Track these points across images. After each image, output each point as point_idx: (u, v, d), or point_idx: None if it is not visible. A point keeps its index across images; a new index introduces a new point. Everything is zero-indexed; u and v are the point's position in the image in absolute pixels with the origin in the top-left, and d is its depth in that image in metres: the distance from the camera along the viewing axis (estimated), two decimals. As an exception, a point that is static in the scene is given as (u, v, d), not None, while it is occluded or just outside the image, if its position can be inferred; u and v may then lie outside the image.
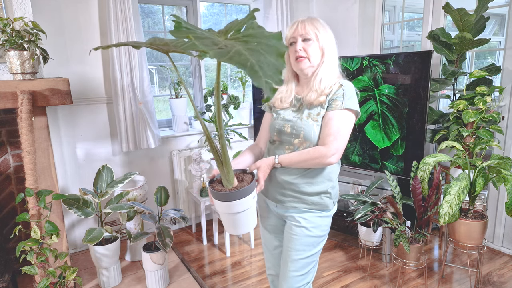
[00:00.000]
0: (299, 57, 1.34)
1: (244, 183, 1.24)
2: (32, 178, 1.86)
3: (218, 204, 1.25)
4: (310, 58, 1.34)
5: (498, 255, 2.66)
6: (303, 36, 1.34)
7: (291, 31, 1.37)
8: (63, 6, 2.54)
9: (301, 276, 1.44)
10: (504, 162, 1.96)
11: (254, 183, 1.24)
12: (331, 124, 1.30)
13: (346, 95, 1.32)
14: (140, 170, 2.99)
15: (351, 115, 1.34)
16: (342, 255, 2.71)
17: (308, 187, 1.38)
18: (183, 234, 3.17)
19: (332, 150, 1.28)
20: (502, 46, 2.80)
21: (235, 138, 3.19)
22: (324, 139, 1.30)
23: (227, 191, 1.20)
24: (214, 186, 1.26)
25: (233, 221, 1.30)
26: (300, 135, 1.35)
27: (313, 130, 1.34)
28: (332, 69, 1.37)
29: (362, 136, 2.69)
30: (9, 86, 1.90)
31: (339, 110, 1.31)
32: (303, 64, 1.35)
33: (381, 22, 3.27)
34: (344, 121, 1.32)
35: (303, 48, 1.34)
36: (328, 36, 1.37)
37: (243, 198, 1.21)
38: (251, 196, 1.23)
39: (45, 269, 1.81)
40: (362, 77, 2.63)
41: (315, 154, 1.30)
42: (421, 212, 2.16)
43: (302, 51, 1.34)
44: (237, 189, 1.21)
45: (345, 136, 1.32)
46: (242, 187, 1.20)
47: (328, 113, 1.32)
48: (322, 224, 1.43)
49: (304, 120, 1.35)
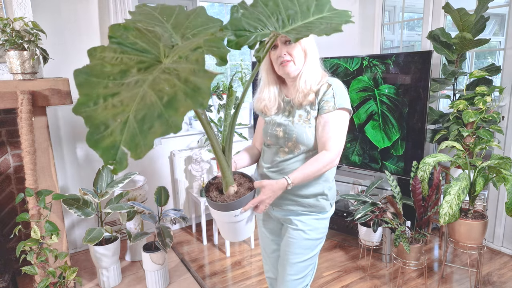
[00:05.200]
0: (284, 61, 1.31)
1: (240, 193, 1.21)
2: (32, 178, 1.86)
3: (214, 212, 1.23)
4: (295, 61, 1.31)
5: (498, 255, 2.66)
6: (283, 39, 1.29)
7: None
8: (63, 6, 2.54)
9: (299, 279, 1.43)
10: (504, 162, 1.96)
11: (243, 200, 1.19)
12: (328, 128, 1.29)
13: (336, 94, 1.31)
14: (140, 170, 2.98)
15: (345, 113, 1.33)
16: (342, 255, 2.71)
17: (304, 189, 1.37)
18: (183, 234, 3.17)
19: (336, 153, 1.28)
20: (502, 46, 2.80)
21: (235, 138, 3.19)
22: (325, 144, 1.29)
23: (223, 201, 1.18)
24: (209, 194, 1.23)
25: (229, 229, 1.28)
26: (293, 139, 1.34)
27: (305, 132, 1.33)
28: (315, 67, 1.35)
29: (362, 136, 2.69)
30: (9, 86, 1.89)
31: (333, 112, 1.30)
32: (289, 68, 1.32)
33: (381, 22, 3.27)
34: (340, 122, 1.31)
35: (287, 52, 1.30)
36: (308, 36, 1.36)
37: (238, 209, 1.18)
38: (234, 213, 1.19)
39: (45, 269, 1.81)
40: (362, 77, 2.62)
41: (324, 161, 1.27)
42: (421, 212, 2.16)
43: (286, 55, 1.31)
44: (233, 200, 1.18)
45: (343, 137, 1.32)
46: (238, 198, 1.17)
47: (322, 116, 1.31)
48: (319, 227, 1.42)
49: (295, 124, 1.34)
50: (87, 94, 0.65)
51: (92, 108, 0.63)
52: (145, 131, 0.60)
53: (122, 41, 0.77)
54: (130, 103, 0.63)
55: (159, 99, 0.63)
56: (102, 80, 0.68)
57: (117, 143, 0.58)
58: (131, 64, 0.74)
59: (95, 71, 0.69)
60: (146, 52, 0.78)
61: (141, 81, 0.69)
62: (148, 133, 0.60)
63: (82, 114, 0.62)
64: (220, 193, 1.23)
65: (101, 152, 0.58)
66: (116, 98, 0.65)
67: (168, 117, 0.61)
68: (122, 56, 0.74)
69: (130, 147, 0.59)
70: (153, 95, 0.65)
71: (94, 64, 0.71)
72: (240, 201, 1.17)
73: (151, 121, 0.61)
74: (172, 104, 0.62)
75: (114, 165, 0.57)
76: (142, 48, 0.79)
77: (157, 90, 0.66)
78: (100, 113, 0.62)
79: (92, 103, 0.63)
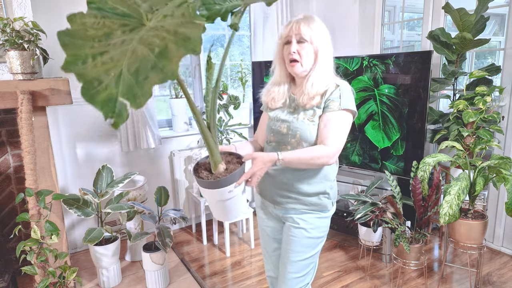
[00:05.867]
0: (292, 60, 1.32)
1: (231, 169, 1.19)
2: (32, 178, 1.86)
3: (203, 191, 1.21)
4: (303, 62, 1.32)
5: (498, 255, 2.66)
6: (298, 37, 1.30)
7: (286, 30, 1.33)
8: (63, 6, 2.54)
9: (300, 278, 1.44)
10: (504, 162, 1.96)
11: (234, 175, 1.17)
12: (330, 126, 1.30)
13: (343, 95, 1.31)
14: (140, 170, 2.99)
15: (348, 115, 1.34)
16: (342, 255, 2.71)
17: (306, 187, 1.37)
18: (183, 234, 3.17)
19: (334, 151, 1.28)
20: (502, 46, 2.80)
21: (235, 138, 3.19)
22: (324, 141, 1.29)
23: (215, 178, 1.15)
24: (198, 173, 1.21)
25: (219, 208, 1.26)
26: (297, 135, 1.34)
27: (309, 130, 1.33)
28: (325, 71, 1.34)
29: (362, 136, 2.69)
30: (9, 86, 1.89)
31: (337, 111, 1.30)
32: (295, 68, 1.33)
33: (381, 22, 3.27)
34: (343, 122, 1.32)
35: (297, 50, 1.31)
36: (323, 38, 1.33)
37: (219, 188, 1.16)
38: (227, 189, 1.17)
39: (45, 269, 1.81)
40: (362, 77, 2.62)
41: (320, 153, 1.27)
42: (421, 212, 2.16)
43: (296, 54, 1.31)
44: (220, 177, 1.15)
45: (344, 136, 1.32)
46: (225, 175, 1.15)
47: (326, 114, 1.31)
48: (321, 226, 1.42)
49: (300, 121, 1.34)
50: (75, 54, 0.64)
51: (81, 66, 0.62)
52: (141, 81, 0.60)
53: (102, 6, 0.77)
54: (121, 58, 0.63)
55: (151, 51, 0.63)
56: (87, 42, 0.67)
57: (113, 95, 0.58)
58: (115, 27, 0.73)
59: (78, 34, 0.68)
60: (128, 16, 0.77)
61: (128, 40, 0.68)
62: (144, 83, 0.60)
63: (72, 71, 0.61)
64: (209, 173, 1.21)
65: (99, 106, 0.57)
66: (105, 56, 0.64)
67: (163, 67, 0.61)
68: (103, 21, 0.74)
69: (128, 97, 0.58)
70: (143, 49, 0.64)
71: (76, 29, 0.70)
72: (232, 176, 1.15)
73: (146, 72, 0.61)
74: (164, 55, 0.62)
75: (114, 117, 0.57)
76: (123, 13, 0.77)
77: (147, 44, 0.66)
78: (90, 70, 0.61)
79: (80, 62, 0.63)
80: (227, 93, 3.20)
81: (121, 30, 0.73)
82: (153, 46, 0.64)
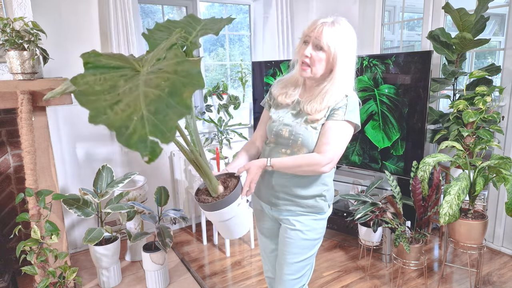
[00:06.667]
0: (303, 63, 1.29)
1: (227, 191, 1.24)
2: (32, 178, 1.86)
3: (209, 214, 1.27)
4: (313, 68, 1.28)
5: (498, 255, 2.66)
6: (316, 41, 1.24)
7: (309, 29, 1.28)
8: (63, 6, 2.54)
9: (296, 279, 1.44)
10: (504, 162, 1.96)
11: (238, 190, 1.22)
12: (329, 134, 1.28)
13: (349, 106, 1.29)
14: (140, 170, 2.98)
15: (350, 127, 1.31)
16: (342, 255, 2.71)
17: (303, 190, 1.36)
18: (183, 234, 3.17)
19: (327, 159, 1.26)
20: (502, 46, 2.80)
21: (235, 138, 3.19)
22: (320, 147, 1.28)
23: (210, 201, 1.22)
24: (199, 197, 1.27)
25: (225, 227, 1.32)
26: (298, 141, 1.32)
27: (311, 137, 1.30)
28: (342, 86, 1.29)
29: (362, 136, 2.69)
30: (9, 86, 1.90)
31: (340, 121, 1.28)
32: (304, 73, 1.30)
33: (381, 22, 3.27)
34: (343, 133, 1.29)
35: (311, 54, 1.26)
36: (344, 49, 1.25)
37: (227, 206, 1.21)
38: (235, 204, 1.23)
39: (45, 269, 1.81)
40: (362, 77, 2.62)
41: (310, 161, 1.26)
42: (421, 212, 2.16)
43: (307, 58, 1.27)
44: (218, 199, 1.21)
45: (341, 147, 1.29)
46: (224, 196, 1.21)
47: (328, 122, 1.29)
48: (317, 227, 1.42)
49: (303, 126, 1.32)
50: (95, 108, 0.69)
51: (104, 117, 0.67)
52: (163, 119, 0.64)
53: (97, 65, 0.83)
54: (137, 102, 0.68)
55: (162, 92, 0.68)
56: (99, 96, 0.73)
57: (143, 136, 0.63)
58: (116, 79, 0.79)
59: (88, 92, 0.74)
60: (122, 68, 0.84)
61: (134, 86, 0.74)
62: (166, 120, 0.64)
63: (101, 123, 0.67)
64: (211, 196, 1.27)
65: (135, 148, 0.62)
66: (120, 104, 0.69)
67: (177, 104, 0.66)
68: (103, 76, 0.80)
69: (157, 135, 0.63)
70: (153, 91, 0.70)
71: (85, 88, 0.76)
72: (234, 192, 1.22)
73: (164, 111, 0.65)
74: (174, 92, 0.68)
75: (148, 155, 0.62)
76: (118, 65, 0.84)
77: (155, 86, 0.71)
78: (114, 118, 0.66)
79: (102, 114, 0.68)
80: (227, 93, 3.20)
81: (122, 79, 0.79)
82: (162, 87, 0.70)
